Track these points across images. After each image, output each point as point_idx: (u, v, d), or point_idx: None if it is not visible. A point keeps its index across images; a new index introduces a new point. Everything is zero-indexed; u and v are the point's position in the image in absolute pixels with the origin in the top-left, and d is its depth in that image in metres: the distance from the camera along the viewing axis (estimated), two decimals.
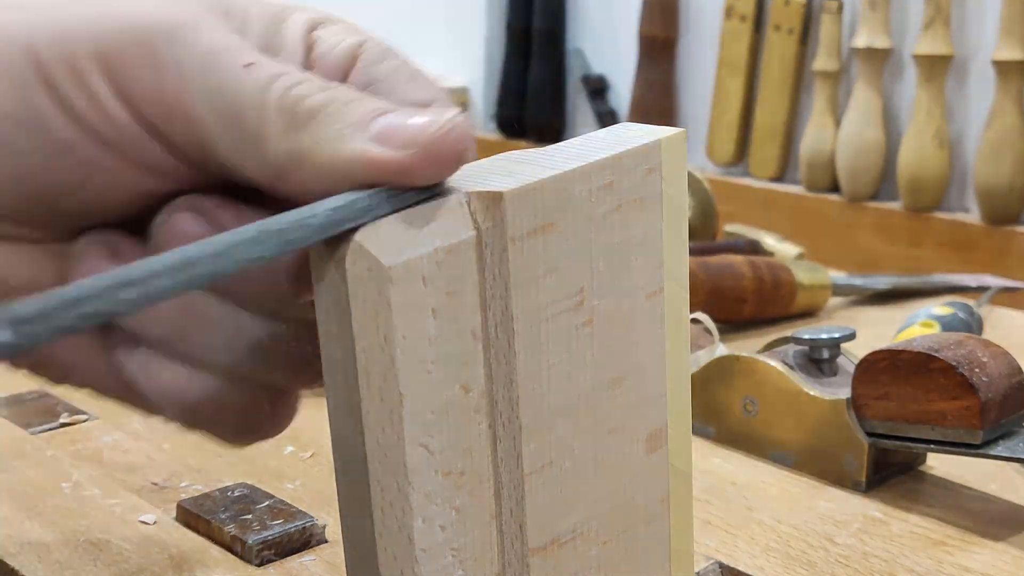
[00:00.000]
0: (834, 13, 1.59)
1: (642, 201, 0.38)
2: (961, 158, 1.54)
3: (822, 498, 0.60)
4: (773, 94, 1.69)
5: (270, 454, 0.63)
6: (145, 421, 0.68)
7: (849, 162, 1.57)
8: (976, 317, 0.81)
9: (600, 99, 1.93)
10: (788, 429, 0.63)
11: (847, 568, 0.53)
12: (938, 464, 0.63)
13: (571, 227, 0.36)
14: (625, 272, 0.38)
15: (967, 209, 1.54)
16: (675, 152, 0.39)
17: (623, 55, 1.89)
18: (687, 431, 0.42)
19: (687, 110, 1.84)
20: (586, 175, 0.36)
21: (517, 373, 0.35)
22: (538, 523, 0.37)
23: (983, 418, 0.56)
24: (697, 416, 0.65)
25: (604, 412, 0.38)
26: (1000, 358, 0.58)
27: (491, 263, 0.34)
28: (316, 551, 0.54)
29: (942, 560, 0.54)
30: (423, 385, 0.33)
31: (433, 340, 0.33)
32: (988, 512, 0.59)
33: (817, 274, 0.88)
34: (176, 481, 0.60)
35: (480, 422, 0.35)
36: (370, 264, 0.31)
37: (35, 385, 0.72)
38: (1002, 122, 1.44)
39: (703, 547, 0.55)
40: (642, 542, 0.41)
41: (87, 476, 0.60)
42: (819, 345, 0.64)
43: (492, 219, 0.34)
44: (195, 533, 0.55)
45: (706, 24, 1.78)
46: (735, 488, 0.61)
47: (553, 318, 0.36)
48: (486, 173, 0.36)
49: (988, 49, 1.47)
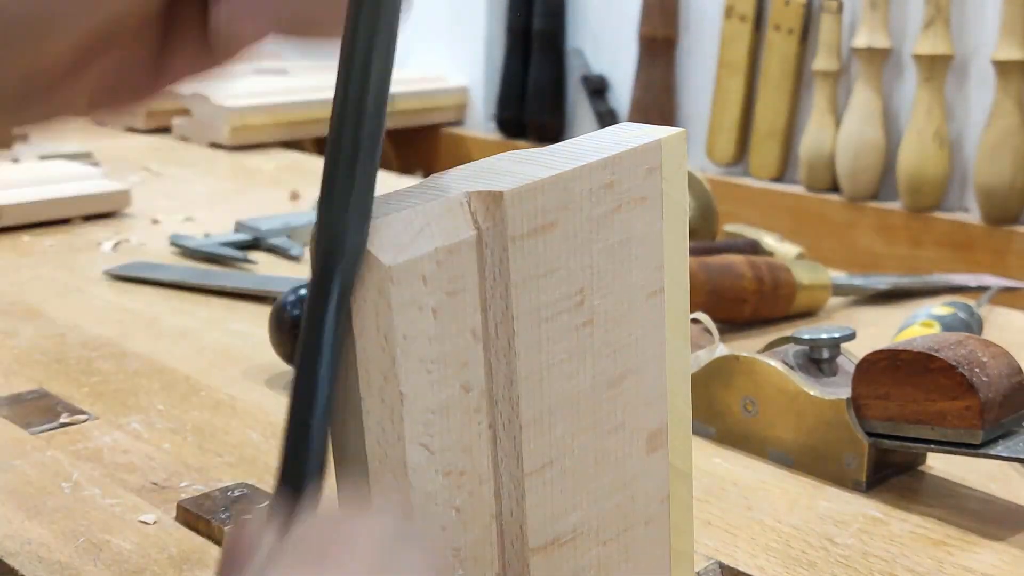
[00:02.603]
0: (834, 13, 1.59)
1: (642, 201, 0.38)
2: (961, 158, 1.54)
3: (822, 498, 0.60)
4: (773, 94, 1.69)
5: (270, 454, 0.63)
6: (145, 421, 0.68)
7: (849, 162, 1.57)
8: (976, 317, 0.81)
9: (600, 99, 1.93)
10: (788, 429, 0.63)
11: (847, 568, 0.53)
12: (938, 464, 0.63)
13: (571, 227, 0.36)
14: (625, 272, 0.38)
15: (967, 209, 1.54)
16: (675, 152, 0.39)
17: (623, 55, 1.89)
18: (687, 431, 0.42)
19: (687, 110, 1.84)
20: (586, 175, 0.36)
21: (517, 373, 0.35)
22: (538, 523, 0.37)
23: (983, 418, 0.56)
24: (697, 416, 0.64)
25: (604, 412, 0.38)
26: (1000, 358, 0.58)
27: (491, 263, 0.34)
28: None
29: (942, 560, 0.54)
30: (423, 385, 0.33)
31: (433, 340, 0.33)
32: (988, 512, 0.59)
33: (817, 274, 0.88)
34: (176, 481, 0.60)
35: (480, 422, 0.35)
36: (370, 264, 0.31)
37: (35, 385, 0.72)
38: (1002, 122, 1.44)
39: (703, 547, 0.55)
40: (642, 542, 0.41)
41: (87, 476, 0.60)
42: (819, 345, 0.64)
43: (492, 219, 0.34)
44: (195, 533, 0.55)
45: (706, 24, 1.78)
46: (735, 488, 0.61)
47: (553, 318, 0.36)
48: (486, 173, 0.36)
49: (988, 49, 1.47)
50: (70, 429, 0.66)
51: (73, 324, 0.84)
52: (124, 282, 0.95)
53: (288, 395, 0.32)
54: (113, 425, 0.67)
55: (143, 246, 1.06)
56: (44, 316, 0.85)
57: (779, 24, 1.67)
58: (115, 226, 1.12)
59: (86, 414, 0.68)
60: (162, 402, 0.70)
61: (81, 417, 0.67)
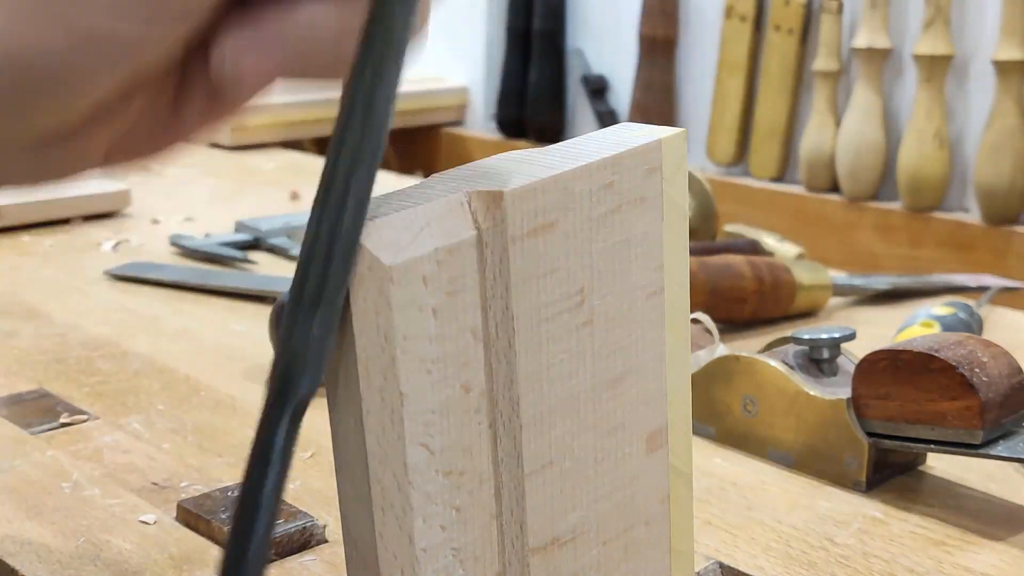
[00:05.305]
0: (834, 13, 1.59)
1: (642, 201, 0.38)
2: (961, 158, 1.54)
3: (822, 498, 0.60)
4: (773, 94, 1.69)
5: None
6: (145, 421, 0.68)
7: (849, 162, 1.57)
8: (976, 317, 0.81)
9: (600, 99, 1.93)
10: (788, 429, 0.63)
11: (847, 568, 0.53)
12: (938, 464, 0.63)
13: (571, 227, 0.36)
14: (625, 272, 0.38)
15: (967, 209, 1.54)
16: (675, 152, 0.39)
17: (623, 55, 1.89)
18: (687, 431, 0.42)
19: (687, 110, 1.84)
20: (586, 175, 0.36)
21: (517, 373, 0.35)
22: (538, 523, 0.37)
23: (983, 418, 0.56)
24: (697, 416, 0.65)
25: (604, 412, 0.38)
26: (1000, 358, 0.58)
27: (491, 263, 0.34)
28: (316, 551, 0.54)
29: (942, 560, 0.54)
30: (423, 385, 0.33)
31: (433, 340, 0.33)
32: (988, 512, 0.59)
33: (817, 274, 0.88)
34: (176, 481, 0.60)
35: (480, 422, 0.35)
36: (370, 264, 0.31)
37: (35, 385, 0.72)
38: (1002, 122, 1.44)
39: (703, 547, 0.55)
40: (642, 542, 0.41)
41: (87, 476, 0.60)
42: (819, 345, 0.64)
43: (492, 219, 0.34)
44: (195, 533, 0.55)
45: (706, 24, 1.78)
46: (735, 488, 0.61)
47: (553, 318, 0.36)
48: (486, 173, 0.36)
49: (988, 49, 1.47)
50: (70, 429, 0.66)
51: (73, 324, 0.84)
52: (124, 282, 0.95)
53: (233, 511, 0.31)
54: (113, 425, 0.67)
55: (143, 246, 1.06)
56: (44, 316, 0.85)
57: (779, 24, 1.67)
58: (115, 226, 1.12)
59: (86, 414, 0.68)
60: (162, 402, 0.70)
61: (81, 417, 0.67)
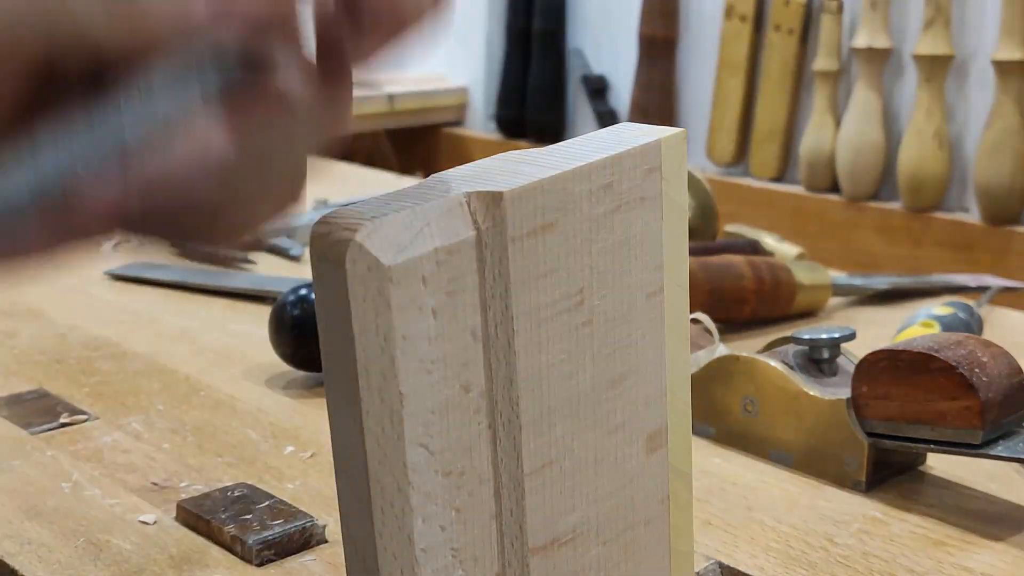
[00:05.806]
0: (834, 13, 1.59)
1: (642, 201, 0.38)
2: (961, 158, 1.54)
3: (822, 498, 0.60)
4: (773, 94, 1.69)
5: (270, 454, 0.63)
6: (145, 421, 0.68)
7: (849, 162, 1.57)
8: (976, 317, 0.81)
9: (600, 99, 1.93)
10: (788, 429, 0.63)
11: (847, 568, 0.53)
12: (938, 464, 0.63)
13: (571, 227, 0.36)
14: (625, 272, 0.38)
15: (967, 209, 1.54)
16: (675, 152, 0.39)
17: (623, 55, 1.89)
18: (687, 431, 0.42)
19: (687, 110, 1.84)
20: (586, 175, 0.36)
21: (517, 373, 0.35)
22: (538, 523, 0.37)
23: (983, 418, 0.56)
24: (697, 416, 0.64)
25: (604, 412, 0.38)
26: (1000, 358, 0.58)
27: (491, 263, 0.34)
28: (316, 551, 0.54)
29: (942, 560, 0.54)
30: (423, 385, 0.33)
31: (433, 340, 0.33)
32: (988, 512, 0.59)
33: (817, 274, 0.88)
34: (176, 481, 0.60)
35: (480, 422, 0.35)
36: (370, 264, 0.31)
37: (35, 385, 0.72)
38: (1002, 122, 1.44)
39: (703, 547, 0.55)
40: (642, 542, 0.41)
41: (87, 476, 0.60)
42: (819, 345, 0.64)
43: (492, 219, 0.34)
44: (195, 533, 0.55)
45: (706, 24, 1.78)
46: (735, 488, 0.61)
47: (553, 318, 0.36)
48: (486, 173, 0.36)
49: (988, 49, 1.47)
50: (70, 429, 0.66)
51: (73, 324, 0.84)
52: (124, 282, 0.95)
53: None
54: (113, 425, 0.67)
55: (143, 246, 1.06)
56: (44, 316, 0.85)
57: (779, 24, 1.67)
58: None
59: (86, 414, 0.68)
60: (162, 402, 0.70)
61: (81, 417, 0.67)
